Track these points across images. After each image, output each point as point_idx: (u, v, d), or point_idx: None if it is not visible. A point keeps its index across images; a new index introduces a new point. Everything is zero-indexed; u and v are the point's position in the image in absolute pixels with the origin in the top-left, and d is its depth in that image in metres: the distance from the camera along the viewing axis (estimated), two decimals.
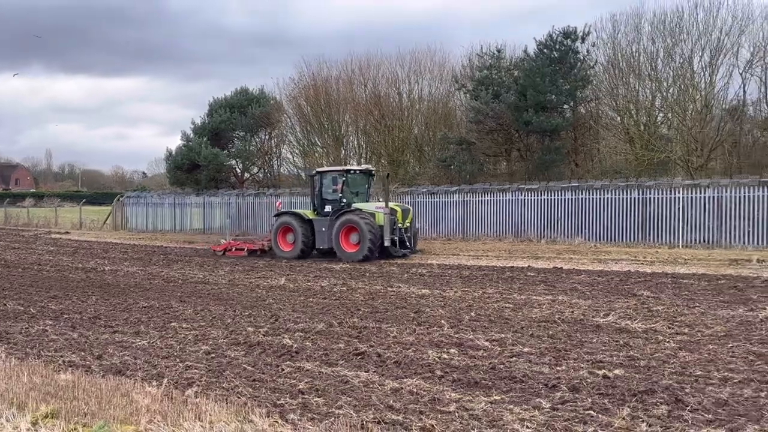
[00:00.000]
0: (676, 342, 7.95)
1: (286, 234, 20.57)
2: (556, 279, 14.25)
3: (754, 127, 28.00)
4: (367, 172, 21.18)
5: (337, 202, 20.09)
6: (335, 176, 20.42)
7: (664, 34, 28.04)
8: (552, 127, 28.63)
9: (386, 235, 18.95)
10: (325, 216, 20.05)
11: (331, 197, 20.32)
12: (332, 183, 20.39)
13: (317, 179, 20.69)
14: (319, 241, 20.01)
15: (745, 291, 12.02)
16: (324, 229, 19.80)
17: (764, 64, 26.79)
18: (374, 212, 19.25)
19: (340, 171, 20.64)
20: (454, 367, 6.95)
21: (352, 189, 20.52)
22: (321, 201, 20.46)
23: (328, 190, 20.47)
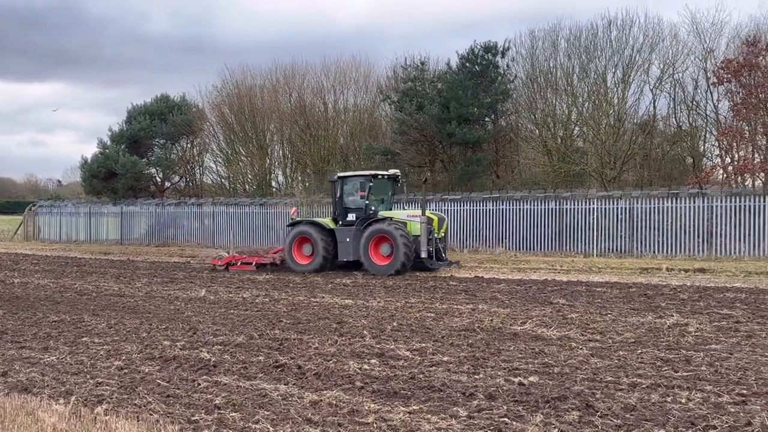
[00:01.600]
0: (589, 349, 8.22)
1: (302, 245, 18.82)
2: (477, 288, 14.51)
3: (664, 141, 29.33)
4: (394, 177, 19.42)
5: (362, 210, 18.51)
6: (361, 181, 18.82)
7: (580, 50, 29.11)
8: (474, 139, 29.21)
9: (423, 247, 17.47)
10: (348, 225, 18.44)
11: (354, 204, 18.76)
12: (356, 189, 18.85)
13: (338, 185, 19.00)
14: (343, 253, 18.41)
15: (654, 299, 12.55)
16: (348, 239, 18.21)
17: (673, 80, 28.16)
18: (406, 221, 17.90)
19: (366, 176, 19.01)
20: (375, 378, 6.96)
21: (376, 196, 19.00)
22: (343, 209, 18.81)
23: (350, 197, 18.92)
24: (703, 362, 7.42)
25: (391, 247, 17.51)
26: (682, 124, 28.71)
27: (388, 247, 17.60)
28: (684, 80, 28.01)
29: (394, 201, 20.00)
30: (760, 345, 8.31)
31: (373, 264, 17.74)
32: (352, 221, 18.45)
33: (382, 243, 17.77)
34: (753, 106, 23.44)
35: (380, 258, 17.79)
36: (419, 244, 17.46)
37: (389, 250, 17.57)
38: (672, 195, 21.87)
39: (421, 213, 17.76)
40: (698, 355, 7.78)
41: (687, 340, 8.63)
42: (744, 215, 20.47)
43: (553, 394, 6.20)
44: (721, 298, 12.46)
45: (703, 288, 14.08)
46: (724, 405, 5.83)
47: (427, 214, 17.91)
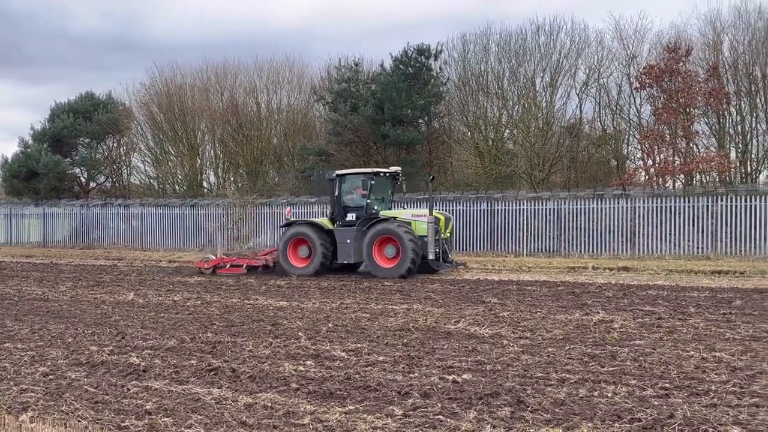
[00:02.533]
0: (520, 346, 8.42)
1: (298, 247, 17.94)
2: (412, 288, 14.64)
3: (590, 144, 30.29)
4: (395, 175, 18.59)
5: (362, 210, 17.77)
6: (363, 180, 17.98)
7: (510, 55, 29.76)
8: (408, 140, 29.45)
9: (430, 248, 16.88)
10: (347, 226, 17.71)
11: (353, 204, 18.01)
12: (356, 188, 18.11)
13: (336, 183, 18.13)
14: (342, 255, 17.60)
15: (581, 297, 12.95)
16: (349, 240, 17.40)
17: (598, 85, 29.11)
18: (410, 221, 17.17)
19: (368, 174, 18.12)
20: (310, 379, 6.94)
21: (376, 195, 18.25)
22: (342, 208, 18.03)
23: (350, 196, 18.14)
24: (628, 357, 7.70)
25: (397, 248, 16.80)
26: (606, 127, 29.73)
27: (393, 248, 16.87)
28: (609, 85, 29.04)
29: (392, 200, 19.27)
30: (681, 340, 8.68)
31: (378, 266, 16.94)
32: (351, 221, 17.69)
33: (387, 244, 17.00)
34: (673, 110, 24.46)
35: (385, 260, 17.01)
36: (426, 245, 16.83)
37: (394, 251, 16.86)
38: (597, 196, 22.60)
39: (429, 212, 17.21)
40: (623, 350, 8.07)
41: (612, 336, 8.94)
42: (665, 215, 21.34)
43: (486, 390, 6.33)
44: (644, 296, 12.95)
45: (627, 286, 14.61)
46: (648, 398, 6.07)
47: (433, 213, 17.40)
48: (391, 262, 16.89)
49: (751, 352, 7.90)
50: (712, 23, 27.35)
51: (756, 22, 26.55)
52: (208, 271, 18.74)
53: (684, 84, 24.30)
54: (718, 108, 25.72)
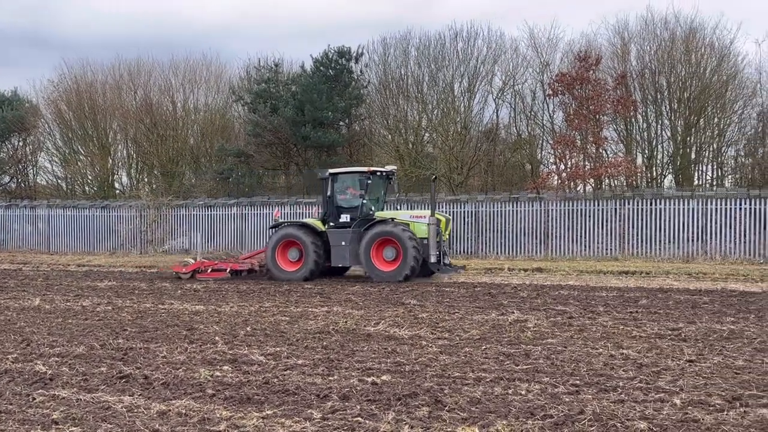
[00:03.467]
0: (438, 346, 8.53)
1: (287, 250, 17.06)
2: (332, 291, 14.60)
3: (506, 148, 31.06)
4: (390, 174, 17.80)
5: (357, 210, 17.00)
6: (360, 179, 17.22)
7: (429, 59, 30.16)
8: (329, 142, 29.39)
9: (431, 250, 16.28)
10: (341, 227, 16.88)
11: (347, 204, 17.23)
12: (351, 187, 17.42)
13: (328, 183, 17.19)
14: (337, 258, 16.84)
15: (497, 297, 13.25)
16: (344, 243, 16.62)
17: (514, 91, 29.89)
18: (409, 222, 16.58)
19: (364, 173, 17.23)
20: (227, 385, 6.80)
21: (371, 195, 17.40)
22: (335, 209, 17.18)
23: (343, 196, 17.36)
24: (541, 356, 7.93)
25: (396, 250, 16.22)
26: (521, 132, 30.55)
27: (393, 251, 16.28)
28: (523, 91, 29.85)
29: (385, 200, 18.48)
30: (591, 338, 9.00)
31: (377, 270, 16.30)
32: (346, 223, 16.91)
33: (386, 246, 16.39)
34: (584, 116, 25.38)
35: (383, 263, 16.41)
36: (427, 248, 16.31)
37: (394, 254, 16.27)
38: (513, 199, 23.20)
39: (431, 213, 16.64)
40: (536, 349, 8.30)
41: (526, 336, 9.18)
42: (576, 218, 22.12)
43: (405, 391, 6.38)
44: (556, 296, 13.38)
45: (540, 286, 15.06)
46: (560, 395, 6.27)
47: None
48: (390, 265, 16.32)
49: (657, 349, 8.27)
50: (620, 33, 28.59)
51: (662, 32, 27.91)
52: (186, 276, 17.61)
53: (594, 91, 25.25)
54: (626, 115, 26.85)
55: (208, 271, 17.72)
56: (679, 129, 27.58)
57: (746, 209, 20.38)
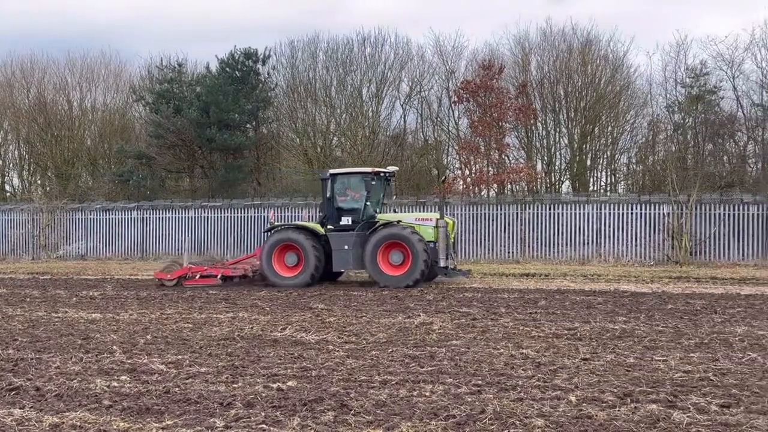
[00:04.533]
0: (345, 350, 8.54)
1: (284, 254, 16.21)
2: (238, 296, 14.34)
3: (413, 153, 31.54)
4: (389, 175, 17.21)
5: (358, 213, 16.32)
6: (365, 180, 16.43)
7: (337, 64, 30.26)
8: (235, 145, 28.92)
9: (441, 254, 15.73)
10: (342, 230, 16.15)
11: (348, 206, 16.53)
12: (353, 188, 16.70)
13: (328, 184, 16.47)
14: (339, 262, 16.09)
15: (404, 300, 13.40)
16: (347, 246, 15.85)
17: (420, 97, 30.42)
18: (414, 225, 15.97)
19: (368, 174, 16.54)
20: (125, 395, 6.56)
21: (372, 197, 16.71)
22: (335, 211, 16.46)
23: (344, 198, 16.66)
24: (445, 357, 8.08)
25: (404, 254, 15.62)
26: (428, 138, 31.14)
27: (400, 254, 15.67)
28: (430, 98, 30.47)
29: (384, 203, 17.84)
30: (493, 339, 9.25)
31: (383, 274, 15.67)
32: (347, 225, 16.19)
33: (392, 250, 15.75)
34: (487, 123, 26.13)
35: (390, 267, 15.75)
36: (435, 251, 15.79)
37: (401, 258, 15.65)
38: (420, 204, 23.56)
39: (440, 216, 16.22)
40: (441, 350, 8.45)
41: (432, 338, 9.34)
42: (480, 222, 22.71)
43: (311, 396, 6.35)
44: (461, 298, 13.67)
45: (445, 289, 15.34)
46: (463, 395, 6.41)
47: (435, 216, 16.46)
48: (397, 269, 15.70)
49: (554, 348, 8.60)
50: (521, 44, 29.68)
51: (560, 44, 29.14)
52: (171, 283, 16.35)
53: (497, 99, 26.06)
54: (527, 123, 27.85)
55: (196, 278, 16.52)
56: (575, 137, 28.87)
57: (637, 214, 21.53)
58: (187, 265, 16.82)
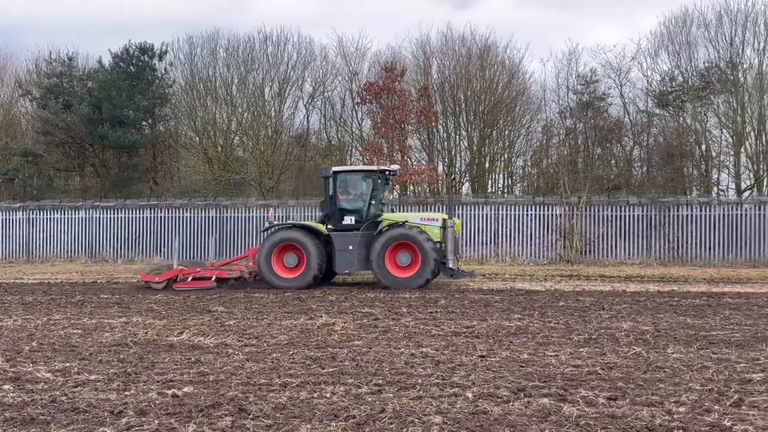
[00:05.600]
0: (245, 354, 8.38)
1: (284, 255, 15.57)
2: (132, 300, 13.81)
3: (317, 153, 31.41)
4: (392, 173, 16.92)
5: (361, 212, 15.85)
6: (372, 178, 15.99)
7: (238, 62, 29.71)
8: (129, 143, 27.86)
9: (450, 254, 15.41)
10: (346, 230, 15.61)
11: (351, 206, 16.01)
12: (356, 187, 16.16)
13: (331, 182, 15.94)
14: (342, 263, 15.56)
15: (306, 302, 13.32)
16: (351, 247, 15.34)
17: (324, 98, 30.34)
18: (419, 225, 15.54)
19: (374, 172, 16.12)
20: (8, 405, 6.17)
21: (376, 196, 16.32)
22: (338, 210, 15.89)
23: (347, 197, 16.10)
24: (347, 358, 8.09)
25: (412, 255, 15.26)
26: (332, 138, 31.10)
27: (408, 255, 15.28)
28: (333, 98, 30.43)
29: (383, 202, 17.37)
30: (394, 338, 9.34)
31: (391, 276, 15.24)
32: (350, 225, 15.71)
33: (399, 251, 15.35)
34: (390, 125, 26.38)
35: (397, 269, 15.32)
36: (444, 252, 15.45)
37: (409, 259, 15.26)
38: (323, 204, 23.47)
39: (448, 216, 15.89)
40: (343, 351, 8.45)
41: (333, 339, 9.33)
42: None
43: (207, 402, 6.19)
44: (363, 298, 13.73)
45: (349, 290, 15.36)
46: (363, 395, 6.43)
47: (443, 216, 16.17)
48: (405, 271, 15.32)
49: (453, 346, 8.78)
50: (423, 47, 30.13)
51: (459, 49, 29.80)
52: (159, 286, 15.53)
53: (399, 102, 26.36)
54: (428, 125, 28.31)
55: (188, 280, 15.67)
56: (474, 140, 29.61)
57: (532, 215, 22.34)
58: (178, 267, 15.99)
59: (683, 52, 28.16)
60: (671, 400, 6.20)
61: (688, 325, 10.23)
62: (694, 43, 27.94)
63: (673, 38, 28.39)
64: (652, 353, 8.23)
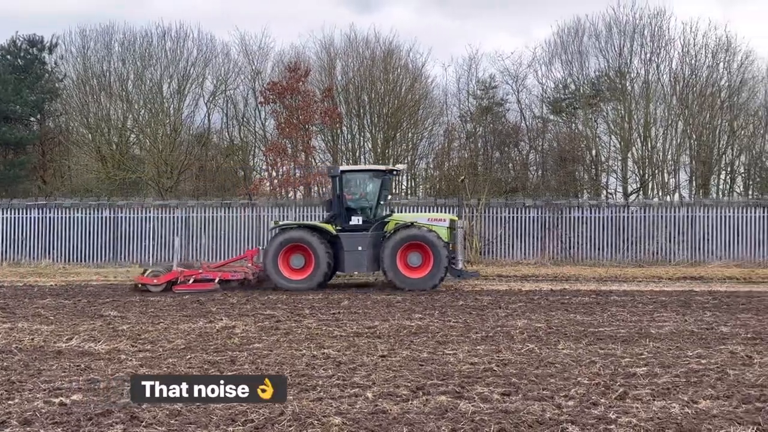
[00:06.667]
0: (138, 359, 8.09)
1: (291, 255, 15.22)
2: (17, 305, 13.06)
3: (218, 153, 30.78)
4: (398, 173, 16.98)
5: (369, 212, 15.70)
6: (383, 178, 15.84)
7: (135, 57, 28.70)
8: (16, 139, 26.44)
9: (459, 255, 15.60)
10: (354, 230, 15.37)
11: (358, 205, 15.84)
12: (364, 187, 16.07)
13: (338, 181, 15.67)
14: (351, 264, 15.39)
15: (206, 304, 13.00)
16: (361, 248, 15.13)
17: (226, 96, 29.76)
18: (427, 225, 15.39)
19: (383, 171, 16.04)
20: None
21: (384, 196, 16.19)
22: (345, 210, 15.59)
23: (354, 196, 15.96)
24: (247, 361, 7.95)
25: (423, 256, 15.16)
26: (234, 138, 30.55)
27: (419, 256, 15.16)
28: (236, 97, 29.91)
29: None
30: (296, 340, 9.27)
31: (403, 277, 15.05)
32: (358, 225, 15.48)
33: (410, 252, 15.21)
34: (294, 126, 26.22)
35: (408, 270, 15.16)
36: (457, 252, 15.59)
37: (420, 260, 15.16)
38: (225, 205, 23.08)
39: (458, 217, 16.01)
40: (243, 354, 8.31)
41: (233, 342, 9.16)
42: None
43: (97, 410, 5.94)
44: (265, 300, 13.55)
45: (251, 292, 15.10)
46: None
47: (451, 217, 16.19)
48: (416, 271, 15.21)
49: (355, 347, 8.81)
50: (327, 48, 30.12)
51: (364, 51, 29.98)
52: (157, 289, 14.77)
53: (303, 102, 26.25)
54: (333, 126, 28.33)
55: (189, 282, 15.01)
56: (379, 142, 29.86)
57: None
58: (177, 269, 15.33)
59: (575, 61, 29.53)
60: (561, 394, 6.48)
61: (578, 322, 10.72)
62: (586, 53, 29.37)
63: (566, 47, 29.70)
64: (544, 349, 8.57)
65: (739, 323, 10.61)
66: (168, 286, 15.04)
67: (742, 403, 6.15)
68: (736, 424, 5.52)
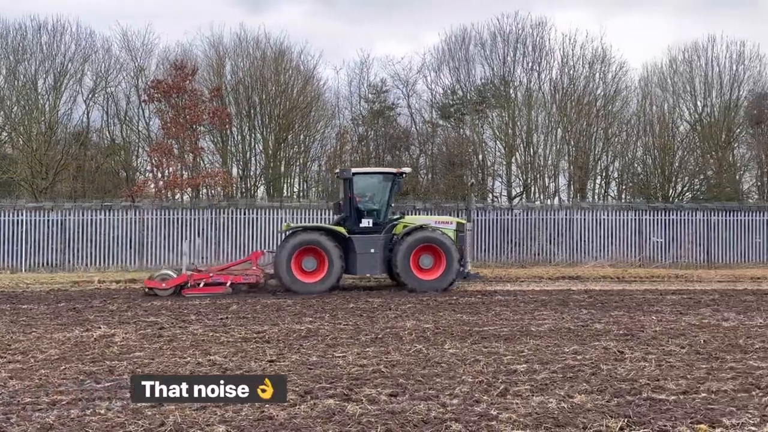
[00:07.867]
0: (8, 371, 7.59)
1: (304, 258, 15.09)
2: None
3: (98, 153, 29.32)
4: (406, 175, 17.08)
5: (378, 215, 15.90)
6: (394, 180, 16.03)
7: (7, 51, 26.93)
8: None
9: (467, 257, 16.07)
10: (365, 232, 15.52)
11: (370, 207, 15.99)
12: (375, 189, 16.24)
13: (350, 183, 15.68)
14: (364, 266, 15.45)
15: (83, 312, 12.36)
16: (374, 250, 15.27)
17: (106, 94, 28.41)
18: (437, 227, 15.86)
19: (390, 174, 16.23)
20: None
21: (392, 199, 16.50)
22: (356, 212, 15.65)
23: (364, 199, 16.09)
24: (126, 371, 7.61)
25: (434, 258, 15.43)
26: (116, 137, 29.22)
27: (430, 258, 15.43)
28: (117, 95, 28.61)
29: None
30: (180, 348, 8.97)
31: (417, 279, 15.24)
32: (369, 228, 15.60)
33: (422, 254, 15.44)
34: (181, 125, 25.40)
35: (420, 272, 15.36)
36: (465, 254, 16.02)
37: (431, 262, 15.42)
38: (105, 207, 22.02)
39: (467, 219, 16.08)
40: (122, 364, 7.95)
41: (112, 351, 8.75)
42: (173, 227, 21.92)
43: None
44: (148, 307, 13.03)
45: (132, 299, 14.49)
46: (142, 409, 6.08)
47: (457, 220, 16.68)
48: (428, 273, 15.40)
49: (242, 352, 8.64)
50: (216, 47, 29.41)
51: (254, 51, 29.51)
52: (165, 293, 14.47)
53: (191, 101, 25.48)
54: (222, 127, 27.67)
55: (200, 286, 14.71)
56: (270, 143, 29.48)
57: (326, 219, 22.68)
58: (187, 272, 14.98)
59: (462, 68, 30.36)
60: (446, 393, 6.62)
61: (464, 322, 11.01)
62: (472, 60, 30.25)
63: (454, 55, 30.47)
64: (431, 349, 8.74)
65: (612, 320, 11.25)
66: (176, 290, 14.77)
67: (614, 397, 6.52)
68: (608, 417, 5.84)
